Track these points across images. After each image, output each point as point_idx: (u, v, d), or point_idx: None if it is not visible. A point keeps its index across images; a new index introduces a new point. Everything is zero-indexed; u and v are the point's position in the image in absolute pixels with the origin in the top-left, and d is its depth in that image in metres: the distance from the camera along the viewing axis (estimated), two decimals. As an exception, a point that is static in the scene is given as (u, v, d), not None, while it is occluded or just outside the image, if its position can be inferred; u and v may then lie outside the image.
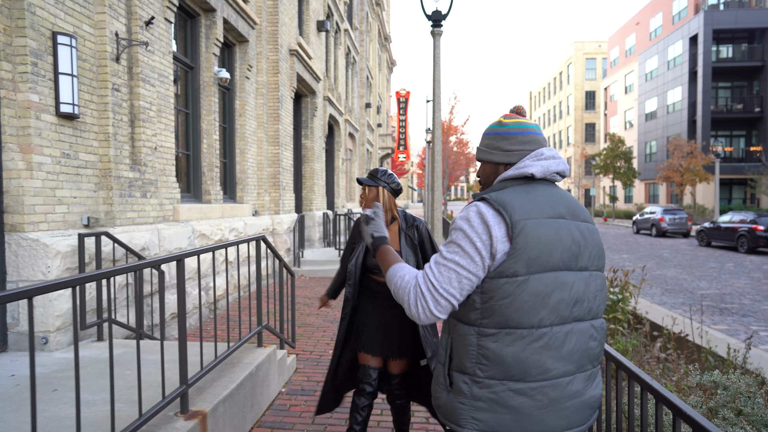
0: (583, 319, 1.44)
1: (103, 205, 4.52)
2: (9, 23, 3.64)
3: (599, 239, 1.53)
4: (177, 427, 2.49)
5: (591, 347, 1.45)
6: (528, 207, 1.40)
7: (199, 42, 6.81)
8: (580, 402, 1.42)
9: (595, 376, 1.50)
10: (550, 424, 1.38)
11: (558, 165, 1.51)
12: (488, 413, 1.39)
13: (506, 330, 1.37)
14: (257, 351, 3.76)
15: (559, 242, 1.39)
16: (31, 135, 3.71)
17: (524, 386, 1.37)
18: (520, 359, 1.36)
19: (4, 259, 3.67)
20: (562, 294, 1.38)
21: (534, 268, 1.36)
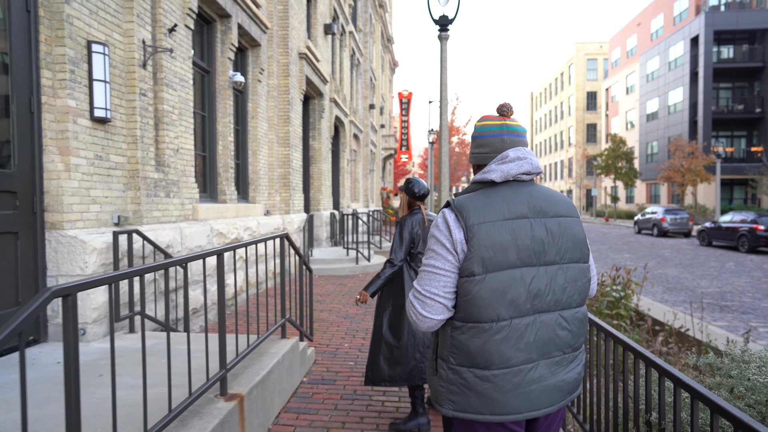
0: (548, 310, 1.55)
1: (131, 204, 4.75)
2: (50, 33, 3.87)
3: (576, 231, 1.61)
4: (219, 407, 2.71)
5: (559, 336, 1.56)
6: (483, 211, 1.53)
7: (215, 47, 7.05)
8: (545, 386, 1.54)
9: (569, 361, 1.59)
10: (516, 406, 1.52)
11: (521, 167, 1.60)
12: (460, 396, 1.56)
13: (470, 324, 1.53)
14: (282, 342, 3.99)
15: (514, 242, 1.52)
16: (69, 138, 3.94)
17: (488, 374, 1.52)
18: (483, 350, 1.51)
19: (44, 255, 3.89)
20: (518, 290, 1.50)
21: (489, 267, 1.50)
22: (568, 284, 1.58)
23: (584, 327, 1.63)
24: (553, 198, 1.63)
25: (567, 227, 1.60)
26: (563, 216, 1.62)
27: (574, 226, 1.63)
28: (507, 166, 1.61)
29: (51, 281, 3.92)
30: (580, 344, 1.63)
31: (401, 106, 37.28)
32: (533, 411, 1.54)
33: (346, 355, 4.95)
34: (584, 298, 1.63)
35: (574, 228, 1.62)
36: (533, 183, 1.66)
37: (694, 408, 1.62)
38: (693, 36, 34.60)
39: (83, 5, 4.10)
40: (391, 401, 3.84)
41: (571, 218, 1.63)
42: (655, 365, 1.88)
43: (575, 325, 1.60)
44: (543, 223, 1.57)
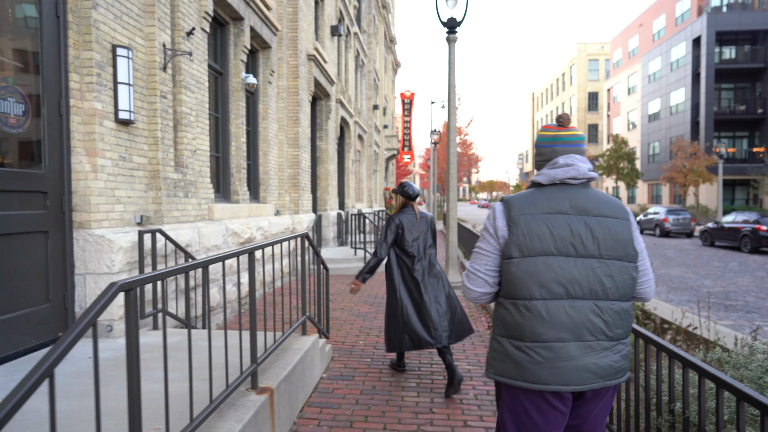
0: (582, 297, 1.71)
1: (152, 204, 4.85)
2: (78, 38, 3.98)
3: (620, 231, 1.76)
4: (252, 400, 2.82)
5: (592, 322, 1.71)
6: (525, 206, 1.80)
7: (228, 49, 7.15)
8: (574, 365, 1.69)
9: (603, 348, 1.71)
10: (544, 377, 1.70)
11: (567, 172, 1.82)
12: (499, 362, 1.80)
13: (509, 300, 1.79)
14: (303, 338, 4.09)
15: (550, 233, 1.74)
16: (96, 140, 4.04)
17: (522, 345, 1.74)
18: (518, 323, 1.75)
19: (72, 254, 4.00)
20: (550, 274, 1.71)
21: (525, 252, 1.74)
22: (606, 277, 1.73)
23: (623, 320, 1.75)
24: (600, 200, 1.81)
25: (610, 227, 1.76)
26: (607, 216, 1.78)
27: (618, 226, 1.77)
28: (554, 171, 1.85)
29: (78, 279, 4.02)
30: (617, 335, 1.75)
31: (403, 107, 37.38)
32: (561, 385, 1.70)
33: (362, 352, 5.06)
34: (625, 293, 1.75)
35: (617, 228, 1.77)
36: (585, 186, 1.85)
37: (720, 396, 1.72)
38: (695, 37, 34.69)
39: (108, 10, 4.20)
40: (411, 396, 3.94)
41: (616, 219, 1.79)
42: (679, 357, 1.98)
43: (610, 316, 1.73)
44: (583, 220, 1.76)
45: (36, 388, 1.34)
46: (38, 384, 1.35)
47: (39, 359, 3.37)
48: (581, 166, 1.83)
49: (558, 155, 1.88)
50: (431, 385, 4.18)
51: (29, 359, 3.47)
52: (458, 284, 8.55)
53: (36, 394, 2.82)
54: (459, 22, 8.69)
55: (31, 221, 3.62)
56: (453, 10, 8.75)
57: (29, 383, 1.33)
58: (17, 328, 3.50)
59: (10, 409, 1.25)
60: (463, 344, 5.30)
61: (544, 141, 1.92)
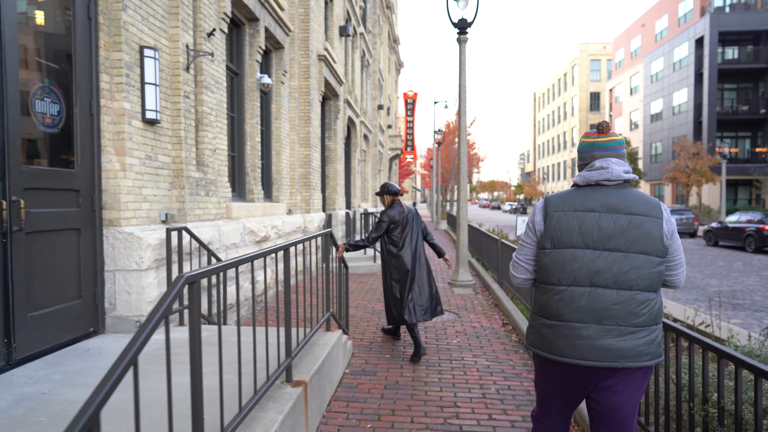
0: (605, 286, 1.92)
1: (176, 202, 4.93)
2: (108, 39, 4.06)
3: (648, 227, 1.93)
4: (288, 392, 2.90)
5: (611, 309, 1.91)
6: (560, 204, 2.05)
7: (244, 50, 7.23)
8: (592, 344, 1.91)
9: (623, 332, 1.90)
10: (564, 351, 1.97)
11: (601, 175, 2.03)
12: (533, 335, 2.12)
13: (541, 285, 2.09)
14: (328, 334, 4.17)
15: (579, 229, 1.98)
16: (125, 139, 4.12)
17: (548, 322, 2.03)
18: (546, 304, 2.04)
19: (102, 251, 4.08)
20: (576, 264, 1.96)
21: (556, 244, 2.01)
22: (631, 269, 1.91)
23: (648, 308, 1.92)
24: (633, 199, 1.99)
25: (638, 223, 1.94)
26: (636, 214, 1.95)
27: (648, 223, 1.94)
28: (589, 173, 2.07)
29: (108, 276, 4.10)
30: (642, 322, 1.91)
31: (406, 107, 37.47)
32: (578, 360, 1.94)
33: (381, 348, 5.14)
34: (651, 284, 1.92)
35: (646, 225, 1.94)
36: (621, 187, 2.04)
37: (758, 386, 1.80)
38: (698, 37, 34.75)
39: (137, 12, 4.28)
40: (434, 390, 4.02)
41: (645, 217, 1.95)
42: (713, 349, 2.05)
43: (633, 305, 1.91)
44: (613, 218, 1.96)
45: (124, 375, 1.42)
46: (126, 371, 1.43)
47: (75, 353, 3.46)
48: (615, 169, 2.02)
49: (596, 159, 2.08)
50: (453, 380, 4.26)
51: (65, 353, 3.55)
52: (468, 282, 8.62)
53: (80, 387, 2.91)
54: (470, 23, 8.77)
55: (65, 219, 3.71)
56: (464, 11, 8.83)
57: (118, 370, 1.41)
58: (53, 323, 3.58)
59: (103, 397, 1.32)
60: (480, 341, 5.39)
61: (585, 147, 2.14)
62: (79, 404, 2.66)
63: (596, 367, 1.94)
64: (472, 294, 8.04)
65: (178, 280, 1.75)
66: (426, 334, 5.69)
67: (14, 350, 3.23)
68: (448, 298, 7.69)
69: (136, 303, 4.10)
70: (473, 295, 7.93)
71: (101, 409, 1.31)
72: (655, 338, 1.94)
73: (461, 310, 6.91)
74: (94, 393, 1.32)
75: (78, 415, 1.25)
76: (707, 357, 2.16)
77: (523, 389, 4.06)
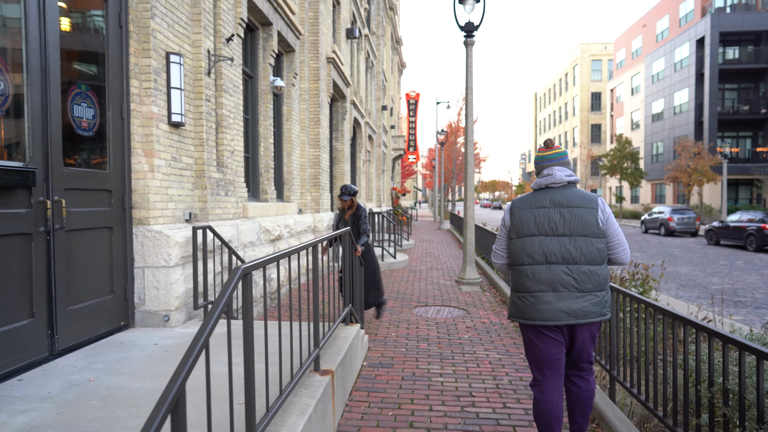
0: (557, 263, 2.56)
1: (198, 202, 5.12)
2: (137, 46, 4.25)
3: (586, 216, 2.56)
4: (318, 380, 3.08)
5: (563, 279, 2.54)
6: (521, 204, 2.74)
7: (258, 53, 7.42)
8: (551, 307, 2.54)
9: (574, 297, 2.53)
10: (532, 315, 2.59)
11: (547, 180, 2.70)
12: (512, 307, 2.75)
13: (514, 267, 2.72)
14: (348, 328, 4.36)
15: (534, 221, 2.64)
16: (153, 142, 4.32)
17: (520, 294, 2.66)
18: (517, 281, 2.68)
19: (132, 248, 4.27)
20: (534, 248, 2.61)
21: (519, 234, 2.68)
22: (574, 249, 2.56)
23: (591, 278, 2.54)
24: (574, 196, 2.64)
25: (578, 214, 2.59)
26: (576, 207, 2.61)
27: (584, 213, 2.59)
28: (540, 179, 2.76)
29: (138, 272, 4.30)
30: (586, 288, 2.54)
31: (408, 107, 37.62)
32: (543, 321, 2.57)
33: (396, 343, 5.32)
34: (592, 259, 2.55)
35: (583, 215, 2.59)
36: (566, 187, 2.69)
37: (760, 368, 1.98)
38: (699, 37, 34.90)
39: (163, 19, 4.47)
40: (450, 382, 4.21)
41: (582, 208, 2.60)
42: (719, 335, 2.24)
43: (578, 275, 2.55)
44: (558, 211, 2.63)
45: (198, 357, 1.60)
46: (200, 353, 1.61)
47: (110, 345, 3.64)
48: (557, 174, 2.69)
49: (544, 168, 2.75)
50: (467, 372, 4.45)
51: (101, 345, 3.74)
52: (475, 280, 8.81)
53: (122, 375, 3.10)
54: (476, 26, 8.94)
55: (99, 218, 3.90)
56: (470, 14, 9.00)
57: (193, 354, 1.58)
58: (89, 316, 3.77)
59: (186, 373, 1.50)
60: (490, 336, 5.57)
61: (536, 160, 2.83)
62: (124, 390, 2.85)
63: (558, 325, 2.57)
64: (479, 291, 8.22)
65: (236, 271, 1.94)
66: (438, 329, 5.89)
67: (56, 341, 3.42)
68: (457, 296, 7.88)
69: (164, 298, 4.28)
70: (481, 293, 8.11)
71: (186, 381, 1.49)
72: (599, 301, 2.55)
73: (470, 306, 7.10)
74: (178, 369, 1.50)
75: (168, 386, 1.43)
76: (713, 343, 2.35)
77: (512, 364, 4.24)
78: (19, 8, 3.19)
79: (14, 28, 3.18)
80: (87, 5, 3.91)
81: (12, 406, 2.60)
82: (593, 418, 3.48)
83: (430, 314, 6.65)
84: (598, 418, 3.40)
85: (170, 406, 1.40)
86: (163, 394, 1.41)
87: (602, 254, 2.55)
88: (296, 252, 2.60)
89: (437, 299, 7.62)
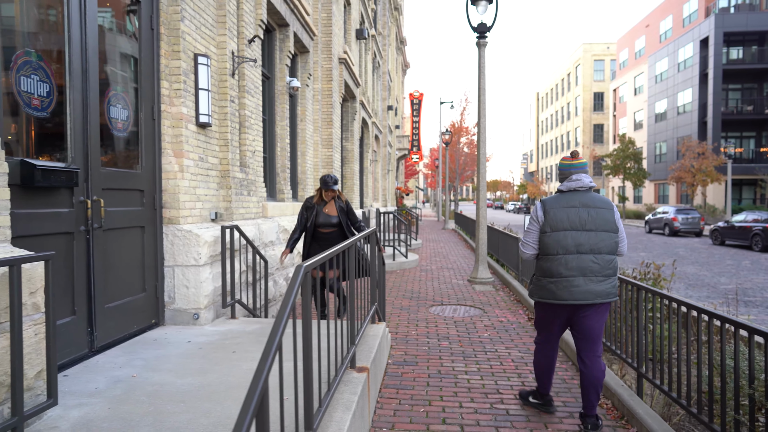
0: (586, 253, 3.12)
1: (223, 202, 5.18)
2: (168, 48, 4.31)
3: (606, 216, 3.17)
4: (355, 377, 3.14)
5: (591, 266, 3.11)
6: (554, 203, 3.24)
7: (275, 54, 7.48)
8: (581, 290, 3.11)
9: (598, 281, 3.12)
10: (564, 296, 3.14)
11: (576, 184, 3.26)
12: (540, 290, 3.29)
13: (545, 256, 3.23)
14: (375, 326, 4.42)
15: (567, 218, 3.16)
16: (182, 142, 4.38)
17: (552, 280, 3.19)
18: (550, 268, 3.20)
19: (162, 247, 4.33)
20: (567, 241, 3.14)
21: (553, 228, 3.18)
22: (599, 241, 3.15)
23: (609, 265, 3.14)
24: (596, 199, 3.23)
25: (601, 214, 3.19)
26: (599, 208, 3.21)
27: (606, 213, 3.20)
28: (570, 183, 3.30)
29: (168, 271, 4.36)
30: (607, 274, 3.15)
31: (412, 107, 37.68)
32: (574, 301, 3.13)
33: (417, 341, 5.39)
34: (610, 250, 3.17)
35: (605, 214, 3.19)
36: (588, 191, 3.28)
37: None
38: (703, 37, 34.92)
39: (192, 22, 4.54)
40: (476, 379, 4.27)
41: (605, 209, 3.21)
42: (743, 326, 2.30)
43: (602, 263, 3.14)
44: (586, 211, 3.19)
45: (276, 355, 1.64)
46: (277, 351, 1.65)
47: (144, 342, 3.71)
48: (585, 180, 3.27)
49: (572, 174, 3.31)
50: (491, 370, 4.51)
51: (136, 342, 3.81)
52: (487, 280, 8.86)
53: (163, 371, 3.16)
54: (489, 27, 8.99)
55: (132, 217, 3.96)
56: (483, 15, 9.05)
57: (272, 352, 1.62)
58: (124, 314, 3.83)
59: (267, 370, 1.55)
60: (509, 335, 5.63)
61: (565, 167, 3.37)
62: (168, 386, 2.92)
63: (582, 304, 3.14)
64: (492, 291, 8.28)
65: (299, 270, 2.00)
66: (457, 328, 5.95)
67: (95, 338, 3.48)
68: (471, 295, 7.94)
69: (194, 297, 4.35)
70: (494, 292, 8.17)
71: (268, 377, 1.54)
72: (614, 284, 3.17)
73: (485, 305, 7.16)
74: (259, 367, 1.54)
75: (253, 382, 1.48)
76: (738, 334, 2.42)
77: (559, 378, 4.30)
78: (62, 13, 3.25)
79: (58, 31, 3.24)
80: (121, 8, 3.97)
81: (63, 400, 2.66)
82: (622, 415, 3.54)
83: (447, 313, 6.72)
84: (627, 415, 3.46)
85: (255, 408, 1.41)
86: (247, 398, 1.46)
87: (616, 246, 3.18)
88: (345, 249, 2.66)
89: (452, 298, 7.68)
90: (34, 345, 2.34)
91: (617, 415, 3.57)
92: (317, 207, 5.37)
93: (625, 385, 3.84)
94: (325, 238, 5.32)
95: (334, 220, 5.32)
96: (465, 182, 46.72)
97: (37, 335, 2.36)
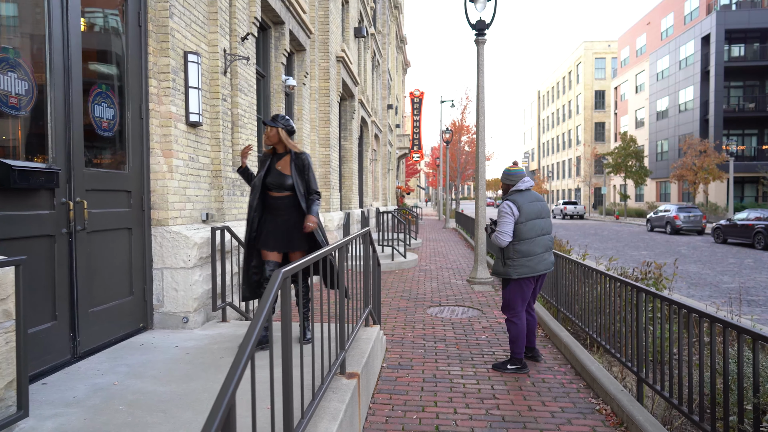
0: (546, 234, 4.35)
1: (214, 202, 5.08)
2: (156, 45, 4.21)
3: (546, 207, 4.34)
4: (345, 384, 3.04)
5: (548, 244, 4.35)
6: (522, 200, 4.26)
7: (270, 53, 7.38)
8: (546, 262, 4.32)
9: (551, 255, 4.39)
10: (539, 268, 4.28)
11: (529, 184, 4.37)
12: (519, 268, 4.24)
13: (521, 240, 4.22)
14: (368, 329, 4.32)
15: (534, 209, 4.26)
16: (171, 142, 4.28)
17: (530, 257, 4.24)
18: (527, 249, 4.23)
19: (151, 249, 4.24)
20: (536, 227, 4.27)
21: (527, 218, 4.22)
22: (548, 225, 4.39)
23: (552, 242, 4.42)
24: (538, 194, 4.32)
25: (545, 206, 4.34)
26: (542, 201, 4.36)
27: (546, 205, 4.33)
28: (525, 183, 4.37)
29: (156, 273, 4.26)
30: (551, 248, 4.40)
31: (413, 106, 37.58)
32: (544, 270, 4.31)
33: (413, 344, 5.28)
34: (551, 231, 4.40)
35: (546, 206, 4.34)
36: (532, 189, 4.34)
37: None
38: (704, 35, 34.71)
39: (181, 18, 4.43)
40: (471, 383, 4.16)
41: (544, 202, 4.35)
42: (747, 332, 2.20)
43: (551, 241, 4.40)
44: (540, 204, 4.33)
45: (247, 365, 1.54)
46: (248, 361, 1.56)
47: (131, 347, 3.61)
48: (530, 182, 4.38)
49: (522, 177, 4.39)
50: (487, 374, 4.40)
51: (122, 347, 3.71)
52: (486, 280, 8.76)
53: (147, 378, 3.06)
54: (488, 24, 8.88)
55: (119, 219, 3.86)
56: (481, 12, 8.94)
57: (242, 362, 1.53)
58: (110, 318, 3.74)
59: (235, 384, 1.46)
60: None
61: (516, 172, 4.45)
62: (150, 395, 2.82)
63: (546, 272, 4.34)
64: (491, 291, 8.17)
65: (277, 275, 1.89)
66: (454, 329, 5.84)
67: (78, 344, 3.39)
68: (470, 295, 7.83)
69: (183, 300, 4.25)
70: (493, 292, 8.06)
71: (235, 393, 1.44)
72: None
73: (484, 306, 7.06)
74: (227, 381, 1.45)
75: (218, 398, 1.39)
76: (742, 339, 2.31)
77: (557, 382, 4.19)
78: (42, 9, 3.15)
79: (38, 28, 3.14)
80: (107, 4, 3.87)
81: (39, 410, 2.57)
82: (621, 421, 3.43)
83: (444, 314, 6.61)
84: (627, 422, 3.35)
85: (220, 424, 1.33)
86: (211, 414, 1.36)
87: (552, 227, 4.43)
88: (333, 251, 2.55)
89: (450, 299, 7.57)
90: (4, 354, 2.24)
91: (616, 421, 3.47)
92: (271, 160, 3.97)
93: (624, 390, 3.73)
94: (276, 206, 3.86)
95: (288, 181, 3.83)
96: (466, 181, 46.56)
97: (8, 344, 2.26)
